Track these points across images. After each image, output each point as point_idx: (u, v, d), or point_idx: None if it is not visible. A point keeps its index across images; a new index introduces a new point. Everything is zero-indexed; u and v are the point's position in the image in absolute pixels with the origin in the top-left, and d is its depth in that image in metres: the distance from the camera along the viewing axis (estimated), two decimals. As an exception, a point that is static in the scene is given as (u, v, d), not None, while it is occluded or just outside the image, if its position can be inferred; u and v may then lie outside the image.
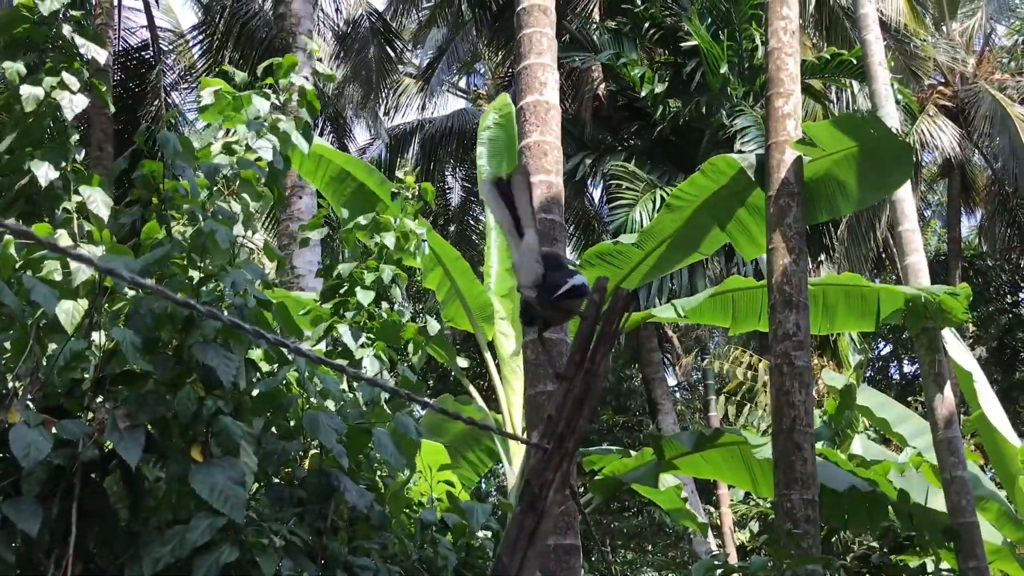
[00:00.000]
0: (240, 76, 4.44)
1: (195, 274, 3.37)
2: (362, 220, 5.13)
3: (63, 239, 3.58)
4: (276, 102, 4.40)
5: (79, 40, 3.48)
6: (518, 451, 7.48)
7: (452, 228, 19.16)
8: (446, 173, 19.44)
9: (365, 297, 4.77)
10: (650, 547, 21.92)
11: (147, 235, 3.46)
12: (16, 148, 3.48)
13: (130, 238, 3.62)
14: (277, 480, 3.48)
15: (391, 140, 19.03)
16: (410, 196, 5.14)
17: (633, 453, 8.28)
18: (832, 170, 6.66)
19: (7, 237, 3.27)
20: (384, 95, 18.93)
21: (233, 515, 2.86)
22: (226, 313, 3.20)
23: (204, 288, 3.28)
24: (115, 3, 13.72)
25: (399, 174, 5.13)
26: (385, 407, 4.09)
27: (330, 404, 4.20)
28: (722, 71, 13.06)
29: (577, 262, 7.88)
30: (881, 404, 9.00)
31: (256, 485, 3.34)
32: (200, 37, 15.09)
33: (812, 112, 15.60)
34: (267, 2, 14.33)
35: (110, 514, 2.97)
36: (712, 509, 16.96)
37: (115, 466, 3.00)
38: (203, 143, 4.13)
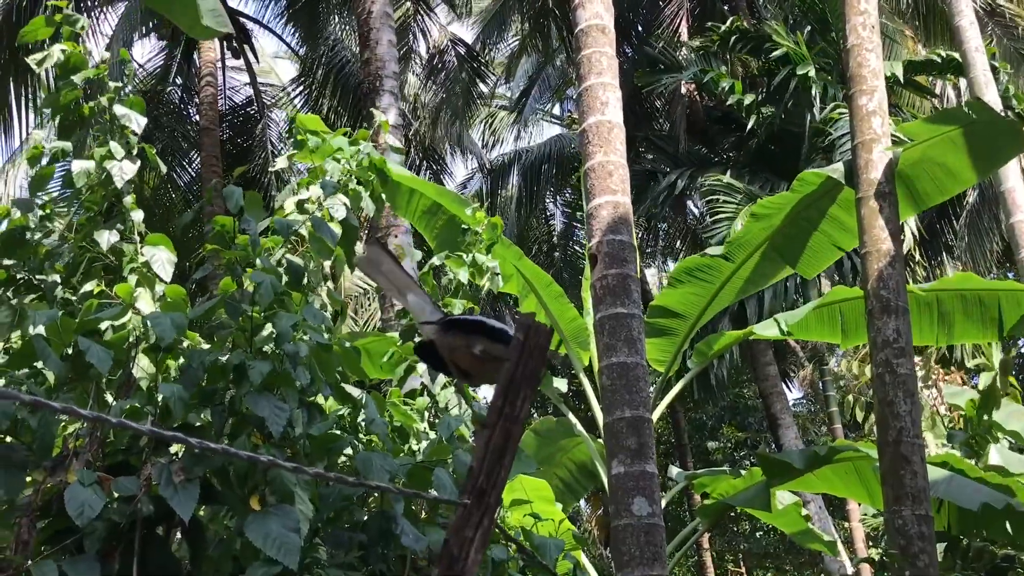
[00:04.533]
0: (316, 143, 4.47)
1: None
2: (436, 260, 5.14)
3: (143, 297, 3.69)
4: (348, 167, 4.43)
5: (120, 110, 3.57)
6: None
7: (556, 254, 19.10)
8: (546, 200, 19.44)
9: None
10: (789, 567, 21.12)
11: (223, 290, 3.51)
12: (84, 223, 3.60)
13: (204, 292, 3.70)
14: (343, 524, 3.45)
15: (490, 171, 19.18)
16: (480, 231, 5.10)
17: (744, 472, 7.97)
18: (930, 153, 6.29)
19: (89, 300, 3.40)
20: (480, 128, 19.11)
21: (287, 562, 2.84)
22: (274, 359, 3.21)
23: (256, 337, 3.29)
24: (218, 65, 14.36)
25: (468, 211, 5.11)
26: (468, 441, 4.04)
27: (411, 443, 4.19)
28: (808, 73, 12.63)
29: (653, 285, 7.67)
30: (1010, 414, 8.35)
31: (318, 531, 3.31)
32: (299, 88, 15.59)
33: (920, 107, 14.92)
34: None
35: (173, 568, 2.99)
36: (846, 523, 16.23)
37: (178, 521, 3.03)
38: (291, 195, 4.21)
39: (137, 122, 3.56)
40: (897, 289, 5.65)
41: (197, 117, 14.21)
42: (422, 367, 4.74)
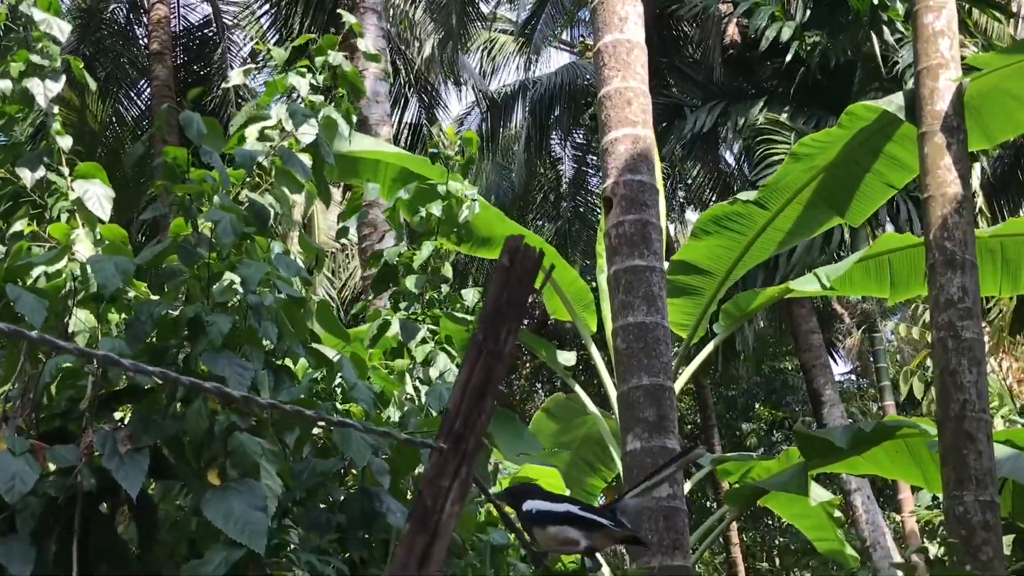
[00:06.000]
0: (279, 53, 4.44)
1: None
2: (403, 194, 5.04)
3: (80, 240, 3.66)
4: (315, 82, 4.37)
5: (38, 15, 3.51)
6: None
7: (564, 204, 19.03)
8: (553, 142, 19.30)
9: (414, 283, 4.71)
10: (834, 566, 21.29)
11: (175, 233, 3.48)
12: (4, 153, 3.55)
13: (155, 235, 3.68)
14: (318, 504, 3.46)
15: (491, 106, 19.00)
16: (453, 153, 4.99)
17: (779, 455, 7.99)
18: (1003, 84, 6.24)
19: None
20: (477, 56, 18.93)
21: (252, 545, 2.84)
22: (235, 313, 3.19)
23: (216, 287, 3.28)
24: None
25: (434, 130, 5.01)
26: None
27: (391, 412, 4.18)
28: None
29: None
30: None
31: (289, 511, 3.32)
32: (266, 7, 15.44)
33: (995, 34, 14.76)
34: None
35: (120, 551, 3.00)
36: (896, 516, 16.34)
37: (125, 497, 3.03)
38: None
39: (60, 28, 3.51)
40: (964, 240, 5.63)
41: (146, 40, 14.09)
42: (396, 323, 4.68)
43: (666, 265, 7.21)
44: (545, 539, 2.90)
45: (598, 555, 3.11)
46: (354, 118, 4.31)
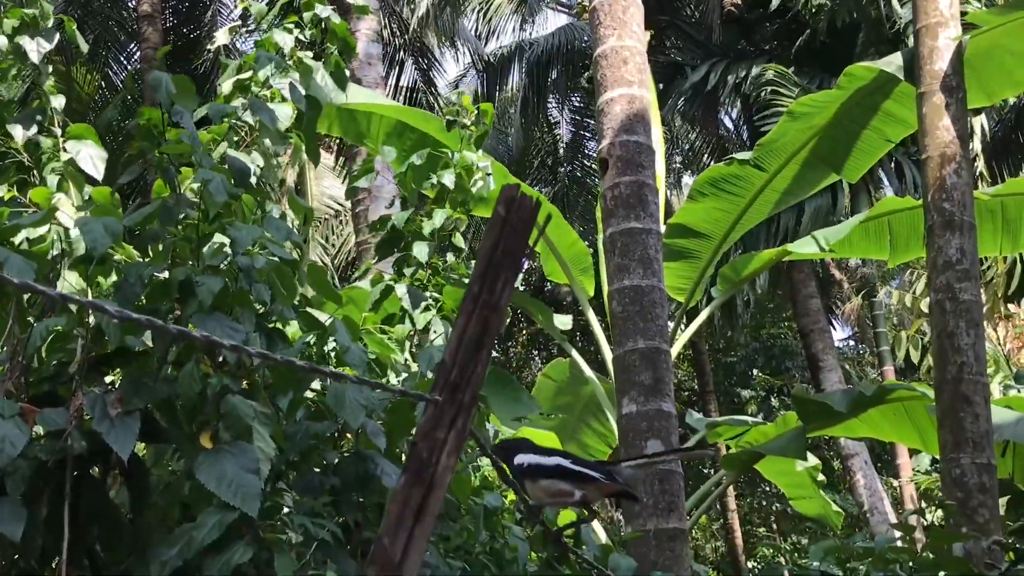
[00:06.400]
0: (259, 8, 4.41)
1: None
2: (416, 160, 5.05)
3: (63, 203, 3.65)
4: (303, 37, 4.34)
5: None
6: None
7: (562, 169, 18.97)
8: (551, 105, 19.21)
9: (422, 251, 4.71)
10: (832, 532, 21.42)
11: (157, 195, 3.47)
12: (-8, 112, 3.53)
13: (138, 197, 3.66)
14: (312, 467, 3.47)
15: (487, 68, 18.90)
16: (468, 123, 4.99)
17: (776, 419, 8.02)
18: (1003, 41, 6.22)
19: None
20: (473, 17, 18.79)
21: (245, 508, 2.85)
22: (226, 275, 3.19)
23: (206, 248, 3.27)
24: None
25: (452, 96, 4.99)
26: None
27: (389, 378, 4.18)
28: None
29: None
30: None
31: (282, 474, 3.33)
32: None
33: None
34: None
35: (111, 515, 3.01)
36: (894, 481, 16.44)
37: (116, 460, 3.03)
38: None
39: (55, -14, 3.48)
40: (963, 201, 5.62)
41: (136, 2, 13.97)
42: (401, 289, 4.70)
43: (663, 228, 7.21)
44: (537, 492, 2.93)
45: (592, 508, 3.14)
46: (346, 72, 4.28)
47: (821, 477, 8.35)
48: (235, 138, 4.03)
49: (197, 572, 2.86)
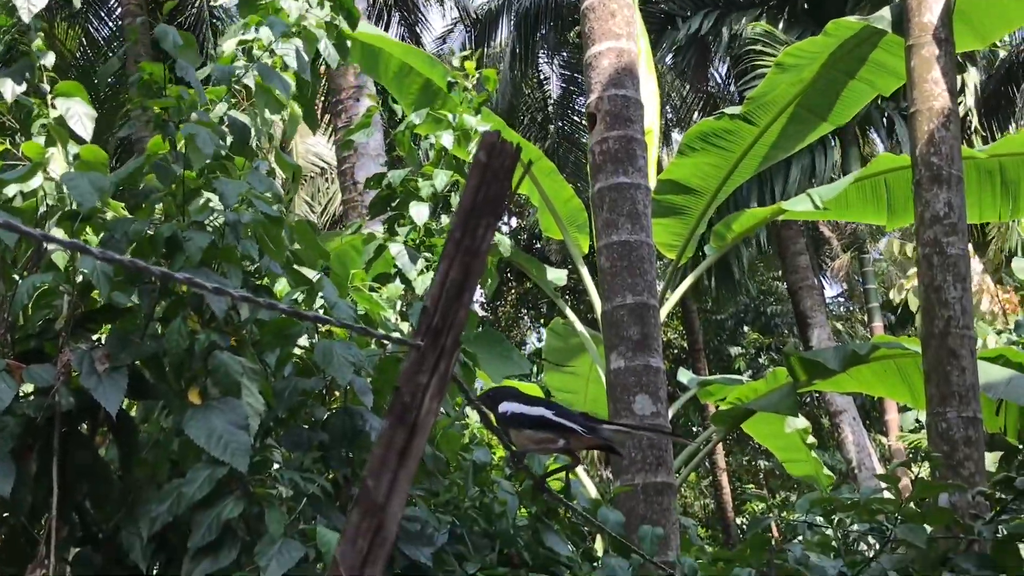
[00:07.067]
0: None
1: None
2: (415, 118, 5.05)
3: (55, 158, 3.65)
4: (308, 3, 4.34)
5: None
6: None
7: (552, 127, 18.89)
8: (540, 60, 19.10)
9: (419, 212, 4.71)
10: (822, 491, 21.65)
11: (152, 151, 3.47)
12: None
13: (129, 158, 3.67)
14: (301, 423, 3.50)
15: (475, 22, 18.76)
16: (470, 85, 5.00)
17: (767, 374, 8.08)
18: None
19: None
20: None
21: (235, 463, 2.88)
22: (212, 231, 3.20)
23: (191, 204, 3.27)
24: None
25: (455, 60, 5.00)
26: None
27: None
28: None
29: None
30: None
31: (271, 430, 3.37)
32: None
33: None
34: None
35: (100, 471, 3.04)
36: (883, 439, 16.60)
37: (104, 416, 3.06)
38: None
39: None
40: (951, 155, 5.63)
41: (116, -44, 13.81)
42: (395, 248, 4.71)
43: (653, 184, 7.22)
44: (520, 439, 3.00)
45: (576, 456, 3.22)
46: (347, 44, 4.30)
47: (812, 439, 8.42)
48: (233, 100, 4.05)
49: (187, 528, 2.90)
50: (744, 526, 18.91)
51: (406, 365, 1.82)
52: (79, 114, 3.65)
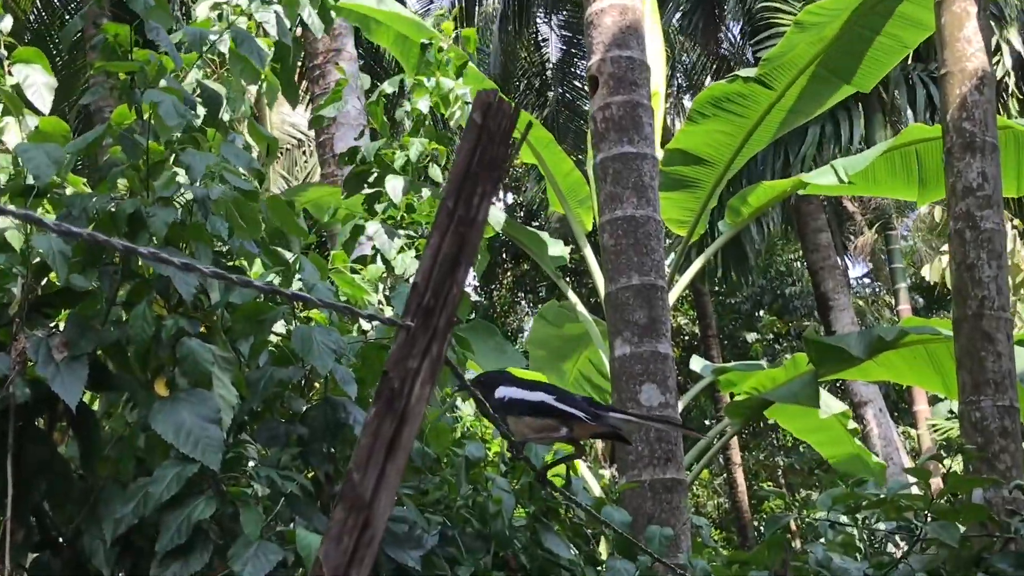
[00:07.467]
0: None
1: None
2: (387, 87, 5.09)
3: (10, 128, 3.64)
4: None
5: None
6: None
7: (551, 93, 18.83)
8: (538, 19, 19.02)
9: (394, 187, 4.73)
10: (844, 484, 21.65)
11: (118, 121, 3.45)
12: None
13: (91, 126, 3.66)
14: (277, 416, 3.50)
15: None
16: (445, 47, 5.01)
17: (786, 361, 8.08)
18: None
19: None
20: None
21: (206, 460, 2.88)
22: (180, 207, 3.19)
23: (156, 178, 3.26)
24: None
25: (428, 21, 5.01)
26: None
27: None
28: None
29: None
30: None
31: (245, 425, 3.36)
32: None
33: None
34: None
35: (59, 468, 3.04)
36: (912, 431, 16.64)
37: (63, 410, 3.05)
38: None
39: None
40: (984, 120, 5.63)
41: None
42: (372, 228, 4.72)
43: (660, 154, 7.21)
44: (520, 427, 2.96)
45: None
46: (332, 13, 4.32)
47: (853, 425, 8.35)
48: (208, 70, 4.04)
49: (154, 530, 2.90)
50: (761, 528, 18.97)
51: (395, 348, 1.80)
52: (38, 84, 3.65)
